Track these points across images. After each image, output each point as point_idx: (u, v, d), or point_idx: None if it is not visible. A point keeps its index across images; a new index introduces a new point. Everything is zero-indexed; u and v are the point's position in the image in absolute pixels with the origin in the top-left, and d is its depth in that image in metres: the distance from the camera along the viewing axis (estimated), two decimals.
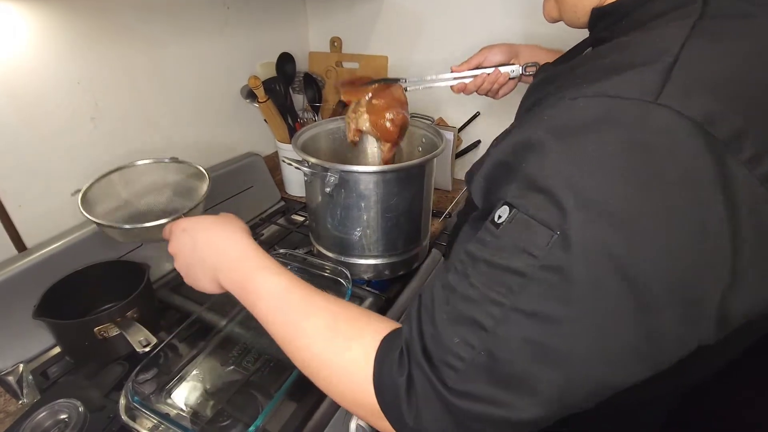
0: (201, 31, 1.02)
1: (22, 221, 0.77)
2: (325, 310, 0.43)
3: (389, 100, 0.81)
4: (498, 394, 0.32)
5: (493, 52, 0.81)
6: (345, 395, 0.41)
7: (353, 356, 0.39)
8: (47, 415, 0.61)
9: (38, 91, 0.76)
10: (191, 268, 0.54)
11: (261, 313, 0.48)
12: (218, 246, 0.52)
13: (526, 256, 0.32)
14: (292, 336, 0.45)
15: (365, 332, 0.41)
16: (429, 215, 0.91)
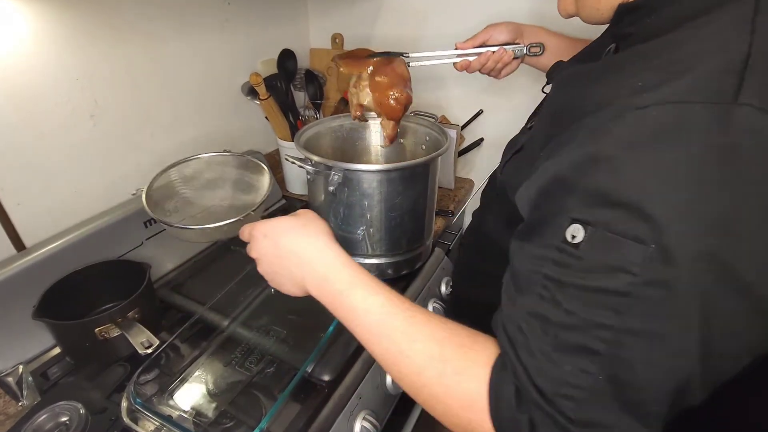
0: (202, 28, 1.01)
1: (21, 220, 0.76)
2: (431, 337, 0.41)
3: (393, 76, 0.78)
4: (622, 418, 0.32)
5: (499, 30, 0.80)
6: (460, 426, 0.40)
7: (467, 389, 0.38)
8: (48, 417, 0.60)
9: (37, 89, 0.74)
10: (276, 275, 0.53)
11: (358, 332, 0.46)
12: (304, 254, 0.50)
13: (623, 275, 0.31)
14: (396, 360, 0.43)
15: (476, 362, 0.39)
16: (433, 214, 0.90)
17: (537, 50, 0.79)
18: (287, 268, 0.51)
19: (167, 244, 0.92)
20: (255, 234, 0.54)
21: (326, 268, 0.49)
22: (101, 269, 0.77)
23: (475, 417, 0.37)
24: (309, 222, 0.53)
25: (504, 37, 0.80)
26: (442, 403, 0.40)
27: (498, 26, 0.81)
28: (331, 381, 0.67)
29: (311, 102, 1.23)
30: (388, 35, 1.27)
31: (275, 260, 0.52)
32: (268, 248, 0.53)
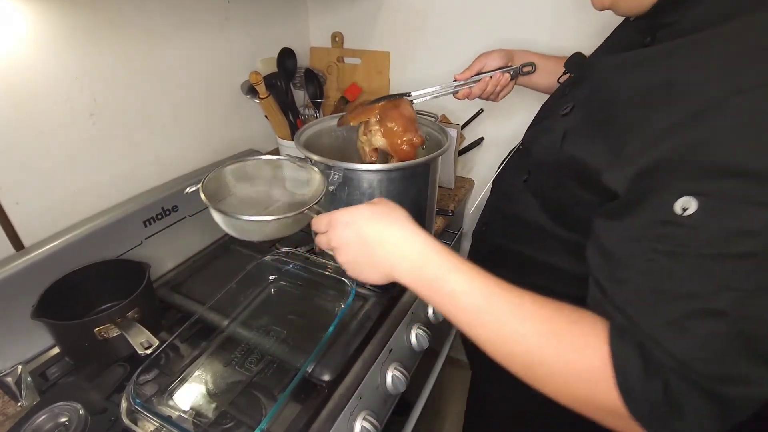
0: (201, 26, 1.00)
1: (19, 219, 0.76)
2: (538, 315, 0.43)
3: (402, 121, 0.79)
4: (757, 370, 0.35)
5: (492, 57, 0.85)
6: (581, 399, 0.41)
7: (589, 363, 0.40)
8: (47, 418, 0.60)
9: (36, 87, 0.74)
10: (358, 264, 0.52)
11: (458, 317, 0.46)
12: (391, 243, 0.50)
13: (747, 239, 0.34)
14: (504, 342, 0.44)
15: (591, 336, 0.41)
16: (433, 213, 0.90)
17: (529, 69, 0.85)
18: (372, 257, 0.51)
19: (167, 243, 0.92)
20: (335, 223, 0.53)
21: (418, 256, 0.48)
22: (100, 269, 0.77)
23: (599, 389, 0.39)
24: (391, 210, 0.52)
25: (497, 63, 0.85)
26: (562, 379, 0.41)
27: (490, 54, 0.86)
28: (332, 381, 0.67)
29: (311, 101, 1.23)
30: (388, 34, 1.27)
31: (359, 249, 0.51)
32: (350, 237, 0.52)
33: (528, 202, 0.62)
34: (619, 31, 0.63)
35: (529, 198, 0.62)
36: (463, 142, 1.26)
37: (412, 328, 0.83)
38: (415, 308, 0.86)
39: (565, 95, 0.61)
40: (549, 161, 0.55)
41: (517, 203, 0.53)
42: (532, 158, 0.62)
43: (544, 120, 0.65)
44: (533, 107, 1.15)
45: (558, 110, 0.58)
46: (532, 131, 0.67)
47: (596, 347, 0.40)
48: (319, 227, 0.56)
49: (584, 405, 0.41)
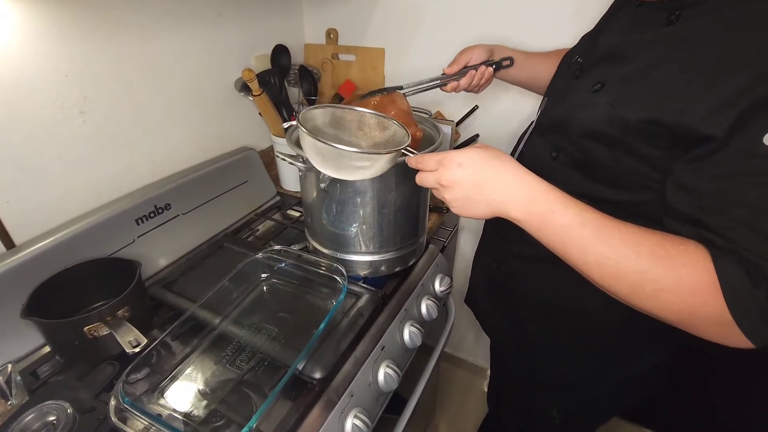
0: (193, 22, 1.00)
1: (10, 217, 0.75)
2: (647, 239, 0.49)
3: (403, 116, 0.80)
4: None
5: (476, 51, 0.91)
6: (688, 311, 0.47)
7: (698, 277, 0.46)
8: (35, 417, 0.60)
9: (25, 85, 0.73)
10: (469, 201, 0.58)
11: (570, 246, 0.53)
12: (503, 181, 0.56)
13: None
14: (616, 266, 0.49)
15: (697, 254, 0.47)
16: (426, 211, 0.90)
17: (508, 63, 0.93)
18: (484, 195, 0.57)
19: (159, 241, 0.91)
20: (448, 163, 0.58)
21: (532, 192, 0.54)
22: (91, 267, 0.77)
23: (707, 300, 0.45)
24: (499, 153, 0.58)
25: (482, 57, 0.91)
26: (672, 294, 0.47)
27: (474, 49, 0.92)
28: (323, 379, 0.67)
29: (305, 98, 1.23)
30: (383, 30, 1.26)
31: (471, 188, 0.57)
32: (464, 177, 0.57)
33: (566, 174, 0.66)
34: (625, 16, 0.66)
35: (566, 171, 0.67)
36: (458, 139, 1.26)
37: (405, 325, 0.83)
38: (408, 305, 0.86)
39: (583, 74, 0.67)
40: (600, 131, 0.59)
41: (552, 179, 0.56)
42: (570, 134, 0.65)
43: (567, 100, 0.69)
44: (528, 106, 1.15)
45: (580, 89, 0.65)
46: (560, 111, 0.70)
47: (703, 264, 0.46)
48: (428, 165, 0.61)
49: (690, 317, 0.47)
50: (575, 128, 0.64)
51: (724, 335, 0.46)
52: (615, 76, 0.60)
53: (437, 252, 1.00)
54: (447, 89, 0.92)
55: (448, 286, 0.97)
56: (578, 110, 0.64)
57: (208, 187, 1.03)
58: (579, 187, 0.62)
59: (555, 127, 0.70)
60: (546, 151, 0.71)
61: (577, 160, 0.65)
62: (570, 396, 0.84)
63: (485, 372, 1.73)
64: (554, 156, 0.69)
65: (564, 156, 0.68)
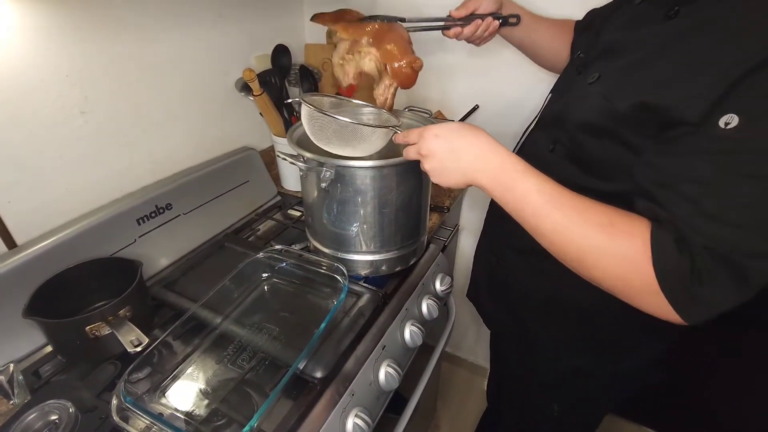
0: (194, 23, 1.00)
1: (11, 217, 0.76)
2: (595, 209, 0.53)
3: (401, 42, 0.78)
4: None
5: (486, 1, 0.87)
6: (625, 280, 0.51)
7: (636, 244, 0.49)
8: (37, 416, 0.60)
9: (25, 85, 0.74)
10: (445, 169, 0.63)
11: (527, 211, 0.57)
12: (477, 150, 0.60)
13: None
14: (565, 230, 0.54)
15: (636, 226, 0.50)
16: (427, 210, 0.90)
17: (515, 21, 0.88)
18: (457, 163, 0.61)
19: (160, 241, 0.92)
20: (426, 135, 0.63)
21: (501, 161, 0.59)
22: (93, 267, 0.77)
23: (639, 267, 0.49)
24: (475, 127, 0.62)
25: (490, 8, 0.88)
26: (611, 260, 0.51)
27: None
28: (323, 378, 0.67)
29: None
30: None
31: (446, 156, 0.62)
32: (440, 146, 0.62)
33: (562, 166, 0.68)
34: (624, 14, 0.68)
35: (562, 163, 0.69)
36: None
37: (406, 324, 0.83)
38: (409, 305, 0.86)
39: (585, 70, 0.69)
40: (593, 122, 0.62)
41: (548, 171, 0.59)
42: (566, 126, 0.67)
43: (566, 93, 0.71)
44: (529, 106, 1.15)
45: (580, 83, 0.67)
46: (560, 105, 0.72)
47: (641, 234, 0.49)
48: (411, 138, 0.66)
49: (626, 286, 0.51)
50: (571, 120, 0.66)
51: (656, 306, 0.49)
52: (610, 69, 0.62)
53: (438, 251, 1.00)
54: (449, 34, 0.88)
55: (448, 285, 0.97)
56: (575, 103, 0.67)
57: (209, 187, 1.03)
58: (573, 180, 0.64)
59: (555, 120, 0.72)
60: (544, 144, 0.73)
61: (571, 153, 0.67)
62: (568, 390, 0.85)
63: (486, 371, 1.73)
64: (551, 149, 0.71)
65: (560, 148, 0.70)
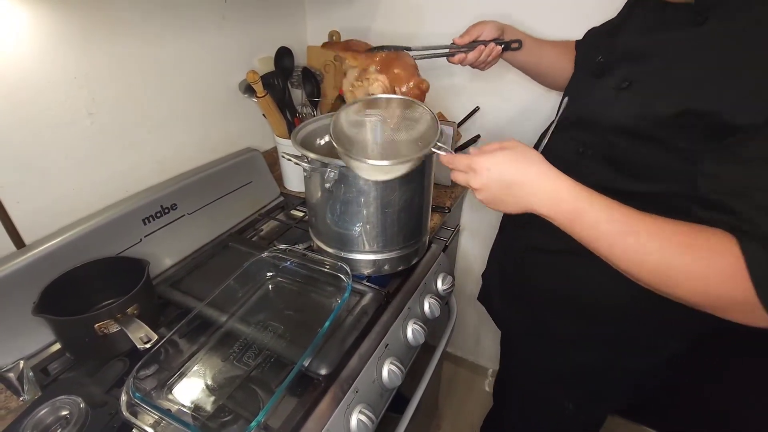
0: (198, 26, 1.01)
1: (20, 217, 0.77)
2: (674, 231, 0.51)
3: (408, 68, 0.82)
4: None
5: (488, 27, 0.90)
6: (718, 297, 0.50)
7: (725, 263, 0.48)
8: (49, 411, 0.61)
9: (34, 87, 0.75)
10: (499, 201, 0.61)
11: (599, 241, 0.55)
12: (532, 182, 0.58)
13: None
14: (645, 257, 0.52)
15: (723, 242, 0.49)
16: (429, 210, 0.91)
17: (517, 45, 0.90)
18: (512, 195, 0.60)
19: (166, 241, 0.93)
20: (477, 168, 0.61)
21: (557, 188, 0.57)
22: (100, 266, 0.78)
23: (735, 284, 0.47)
24: (526, 152, 0.60)
25: (492, 34, 0.90)
26: (701, 280, 0.50)
27: (486, 24, 0.90)
28: (328, 375, 0.68)
29: (308, 99, 1.24)
30: (385, 32, 1.28)
31: (502, 189, 0.60)
32: (492, 180, 0.60)
33: (594, 168, 0.69)
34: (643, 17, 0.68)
35: (594, 165, 0.69)
36: (459, 140, 1.27)
37: (409, 323, 0.84)
38: (412, 304, 0.87)
39: (605, 74, 0.69)
40: (629, 126, 0.62)
41: (578, 173, 0.59)
42: (597, 130, 0.68)
43: (590, 98, 0.72)
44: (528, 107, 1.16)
45: (603, 87, 0.68)
46: (583, 109, 0.73)
47: (729, 249, 0.48)
48: (459, 166, 0.64)
49: (717, 301, 0.50)
50: (603, 124, 0.67)
51: (750, 317, 0.49)
52: (642, 74, 0.62)
53: (439, 251, 1.01)
54: (454, 60, 0.91)
55: (450, 284, 0.98)
56: (605, 107, 0.67)
57: (213, 187, 1.04)
58: (607, 181, 0.65)
59: (579, 123, 0.73)
60: (571, 146, 0.73)
61: (606, 155, 0.68)
62: (583, 386, 0.86)
63: (487, 372, 1.74)
64: (580, 151, 0.72)
65: (591, 151, 0.70)
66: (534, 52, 0.94)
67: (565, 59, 0.93)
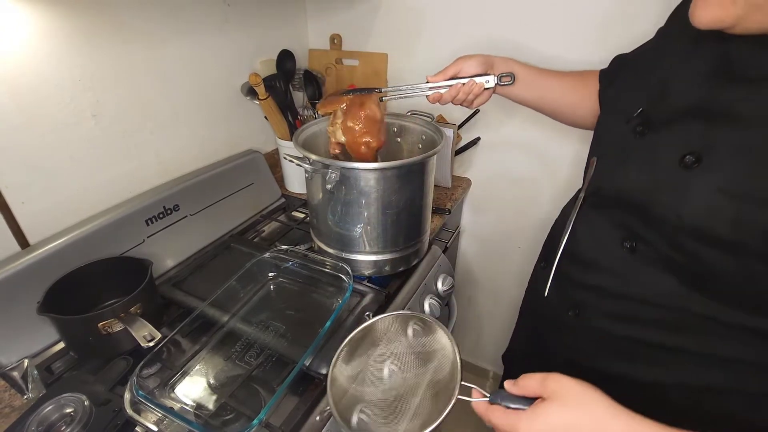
0: (201, 28, 1.02)
1: (25, 218, 0.78)
2: None
3: (366, 122, 0.80)
4: None
5: (469, 63, 0.79)
6: None
7: None
8: (53, 408, 0.62)
9: (39, 89, 0.76)
10: None
11: None
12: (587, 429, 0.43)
13: None
14: None
15: None
16: (429, 212, 0.92)
17: (508, 80, 0.80)
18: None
19: (168, 241, 0.93)
20: None
21: None
22: (104, 266, 0.79)
23: None
24: (580, 401, 0.44)
25: (474, 70, 0.79)
26: None
27: (468, 59, 0.80)
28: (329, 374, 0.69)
29: (310, 102, 1.25)
30: (386, 35, 1.29)
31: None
32: None
33: (654, 277, 0.51)
34: (698, 57, 0.50)
35: (653, 272, 0.51)
36: (459, 142, 1.28)
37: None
38: (412, 305, 0.88)
39: (653, 135, 0.51)
40: (714, 233, 0.44)
41: (630, 280, 0.46)
42: (654, 219, 0.50)
43: (632, 167, 0.53)
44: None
45: (658, 156, 0.49)
46: (625, 182, 0.54)
47: None
48: (498, 425, 0.48)
49: None
50: (667, 220, 0.48)
51: None
52: (721, 145, 0.44)
53: (440, 252, 1.02)
54: (430, 100, 0.82)
55: (450, 285, 0.99)
56: (665, 191, 0.49)
57: (215, 188, 1.05)
58: (679, 299, 0.48)
59: (621, 203, 0.55)
60: (612, 236, 0.55)
61: (675, 263, 0.49)
62: None
63: (488, 374, 1.75)
64: (628, 247, 0.53)
65: (647, 250, 0.52)
66: (532, 86, 0.80)
67: (575, 95, 0.79)
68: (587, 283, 0.59)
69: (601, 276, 0.57)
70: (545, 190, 1.26)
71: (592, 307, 0.59)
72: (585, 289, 0.60)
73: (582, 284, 0.60)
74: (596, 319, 0.59)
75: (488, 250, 1.48)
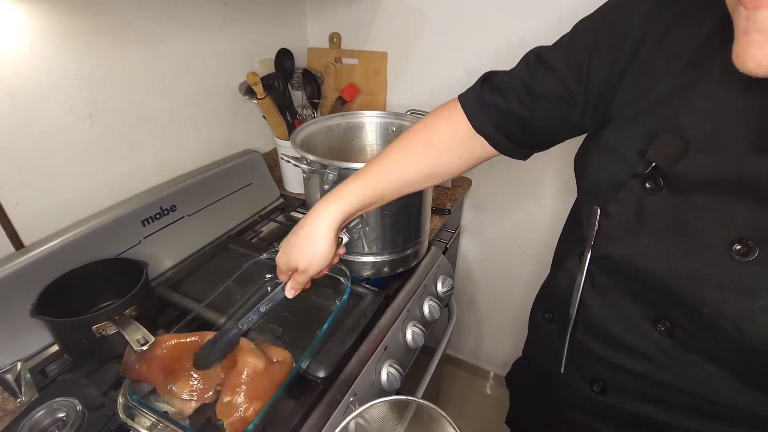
0: (199, 27, 1.01)
1: (19, 218, 0.77)
2: None
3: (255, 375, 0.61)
4: None
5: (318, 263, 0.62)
6: None
7: None
8: (45, 413, 0.61)
9: (35, 88, 0.75)
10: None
11: None
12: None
13: None
14: None
15: None
16: (428, 213, 0.91)
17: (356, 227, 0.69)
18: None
19: (165, 242, 0.93)
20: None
21: None
22: (99, 267, 0.78)
23: None
24: None
25: None
26: None
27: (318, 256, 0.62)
28: (326, 377, 0.68)
29: (309, 101, 1.24)
30: (386, 34, 1.28)
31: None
32: None
33: (695, 366, 0.42)
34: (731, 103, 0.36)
35: (695, 360, 0.42)
36: None
37: (408, 325, 0.84)
38: (411, 306, 0.87)
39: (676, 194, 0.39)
40: None
41: (678, 371, 0.38)
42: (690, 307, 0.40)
43: (647, 240, 0.42)
44: None
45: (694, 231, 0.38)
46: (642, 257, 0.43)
47: None
48: None
49: None
50: (721, 328, 0.37)
51: None
52: None
53: (439, 253, 1.01)
54: (288, 296, 0.66)
55: (450, 287, 0.98)
56: (708, 286, 0.38)
57: (213, 189, 1.04)
58: (734, 392, 0.40)
59: (640, 276, 0.43)
60: (636, 312, 0.45)
61: (725, 359, 0.40)
62: None
63: (488, 374, 1.74)
64: (663, 330, 0.43)
65: (687, 336, 0.41)
66: (383, 193, 0.62)
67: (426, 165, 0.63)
68: (614, 362, 0.49)
69: (634, 360, 0.47)
70: (546, 190, 1.25)
71: (621, 387, 0.50)
72: (611, 368, 0.50)
73: (606, 361, 0.50)
74: (628, 401, 0.50)
75: (489, 251, 1.47)
